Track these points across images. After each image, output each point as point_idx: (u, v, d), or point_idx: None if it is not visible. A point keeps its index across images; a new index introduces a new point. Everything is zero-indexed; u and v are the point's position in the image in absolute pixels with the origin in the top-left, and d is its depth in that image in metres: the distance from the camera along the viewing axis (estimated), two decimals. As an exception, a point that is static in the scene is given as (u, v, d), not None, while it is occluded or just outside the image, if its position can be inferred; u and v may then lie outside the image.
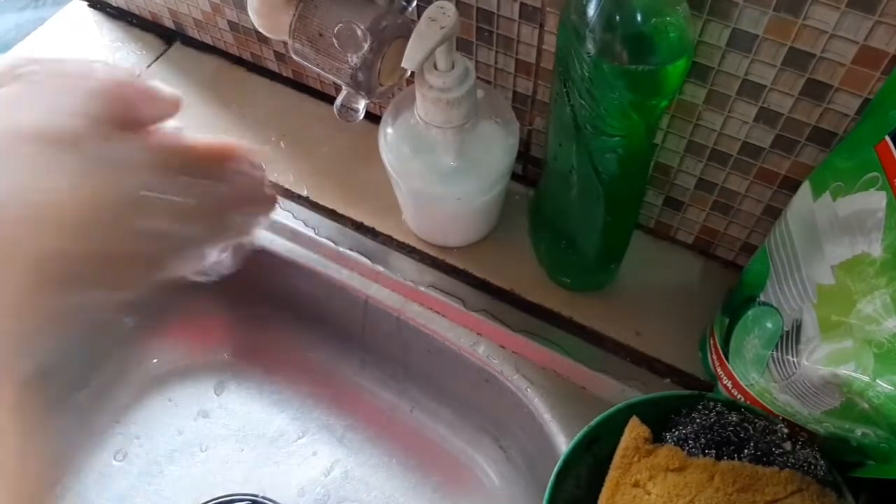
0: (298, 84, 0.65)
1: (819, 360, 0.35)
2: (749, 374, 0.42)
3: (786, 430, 0.41)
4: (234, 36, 0.64)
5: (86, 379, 0.63)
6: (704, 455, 0.40)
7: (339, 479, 0.60)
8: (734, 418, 0.41)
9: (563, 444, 0.47)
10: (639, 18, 0.33)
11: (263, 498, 0.59)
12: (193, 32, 0.68)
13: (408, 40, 0.38)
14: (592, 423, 0.42)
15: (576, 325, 0.52)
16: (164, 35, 0.70)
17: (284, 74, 0.66)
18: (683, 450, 0.40)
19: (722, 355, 0.45)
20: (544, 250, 0.53)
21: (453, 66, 0.41)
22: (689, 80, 0.42)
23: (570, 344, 0.51)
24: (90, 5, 0.72)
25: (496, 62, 0.50)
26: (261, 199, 0.33)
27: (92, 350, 0.63)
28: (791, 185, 0.44)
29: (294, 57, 0.43)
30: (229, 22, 0.63)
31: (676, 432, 0.41)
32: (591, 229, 0.46)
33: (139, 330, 0.64)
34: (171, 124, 0.29)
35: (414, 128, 0.46)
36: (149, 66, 0.68)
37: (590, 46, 0.34)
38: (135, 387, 0.64)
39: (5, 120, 0.25)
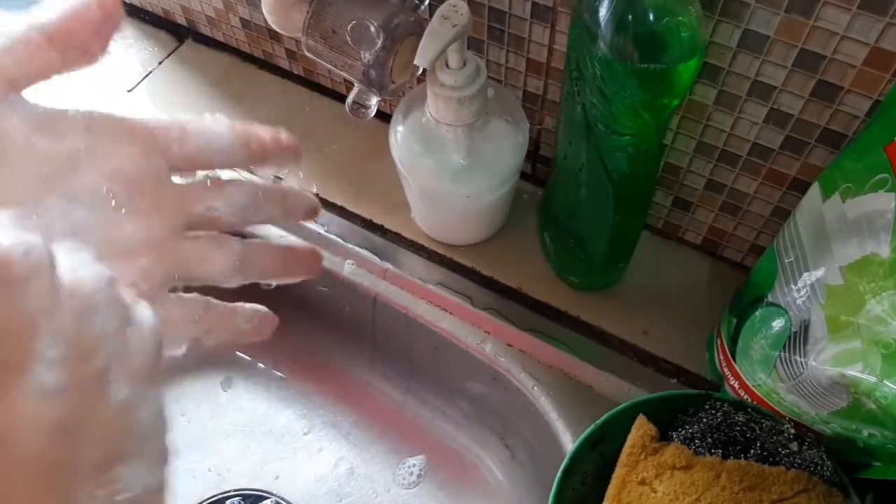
0: (309, 82, 0.66)
1: (827, 360, 0.35)
2: (756, 374, 0.42)
3: (792, 431, 0.41)
4: (245, 33, 0.65)
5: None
6: (711, 454, 0.40)
7: (344, 476, 0.60)
8: (741, 418, 0.41)
9: (569, 443, 0.47)
10: (651, 18, 0.34)
11: (269, 493, 0.59)
12: (205, 29, 0.68)
13: (420, 38, 0.38)
14: (599, 421, 0.42)
15: (583, 325, 0.52)
16: (176, 32, 0.70)
17: (295, 72, 0.66)
18: (690, 448, 0.40)
19: (729, 355, 0.45)
20: (552, 249, 0.53)
21: (465, 65, 0.41)
22: (700, 81, 0.42)
23: (577, 343, 0.51)
24: (103, 2, 0.73)
25: (507, 61, 0.50)
26: None
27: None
28: (800, 187, 0.44)
29: (307, 54, 0.43)
30: (241, 19, 0.63)
31: (683, 431, 0.41)
32: (600, 229, 0.46)
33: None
34: None
35: (424, 126, 0.46)
36: (160, 63, 0.68)
37: (602, 45, 0.34)
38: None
39: None
